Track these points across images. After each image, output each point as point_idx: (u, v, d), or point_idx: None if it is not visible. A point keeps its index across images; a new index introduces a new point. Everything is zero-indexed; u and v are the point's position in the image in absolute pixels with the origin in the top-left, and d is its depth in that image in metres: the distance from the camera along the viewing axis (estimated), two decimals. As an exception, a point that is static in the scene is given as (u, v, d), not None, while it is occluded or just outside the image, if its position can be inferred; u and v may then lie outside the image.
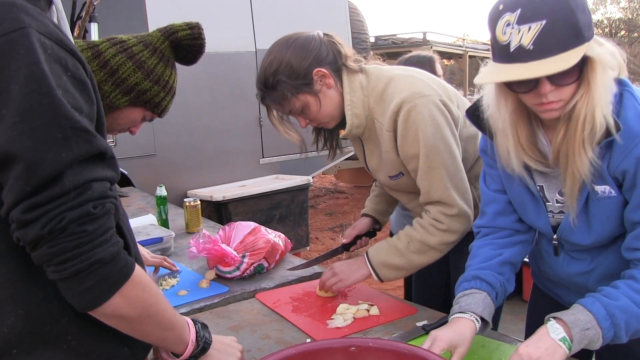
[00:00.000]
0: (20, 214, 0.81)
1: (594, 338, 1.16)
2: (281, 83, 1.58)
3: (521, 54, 1.08)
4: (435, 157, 1.57)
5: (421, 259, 1.64)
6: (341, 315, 1.62)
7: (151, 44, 1.45)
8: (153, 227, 2.36)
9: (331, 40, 1.65)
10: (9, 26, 0.81)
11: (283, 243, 2.10)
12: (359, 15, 6.73)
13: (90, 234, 0.84)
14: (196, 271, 2.03)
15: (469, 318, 1.30)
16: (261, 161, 5.10)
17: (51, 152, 0.81)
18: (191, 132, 4.64)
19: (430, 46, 8.58)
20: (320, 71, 1.59)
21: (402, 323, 1.57)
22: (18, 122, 0.79)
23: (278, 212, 4.67)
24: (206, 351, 1.12)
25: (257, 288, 1.86)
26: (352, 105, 1.62)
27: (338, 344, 1.14)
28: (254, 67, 4.91)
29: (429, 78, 1.66)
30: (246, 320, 1.64)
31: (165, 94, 1.48)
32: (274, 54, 1.61)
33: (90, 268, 0.85)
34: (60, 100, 0.82)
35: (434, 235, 1.62)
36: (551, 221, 1.36)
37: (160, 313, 0.98)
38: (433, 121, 1.56)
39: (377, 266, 1.66)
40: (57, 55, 0.85)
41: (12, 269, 0.89)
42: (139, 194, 3.66)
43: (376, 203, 2.02)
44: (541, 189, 1.34)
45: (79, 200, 0.83)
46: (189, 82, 4.56)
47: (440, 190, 1.59)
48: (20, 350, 0.91)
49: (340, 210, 7.57)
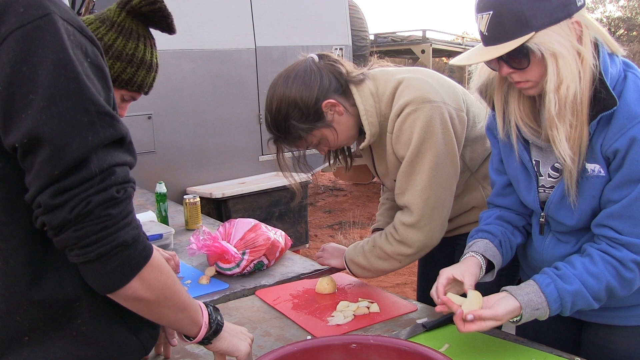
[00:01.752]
0: (49, 199, 0.82)
1: (540, 316, 1.27)
2: (293, 126, 1.56)
3: (484, 38, 1.25)
4: (419, 164, 1.57)
5: (382, 264, 1.69)
6: (341, 312, 1.62)
7: (108, 19, 1.39)
8: (153, 224, 2.36)
9: (328, 63, 1.62)
10: (35, 13, 0.82)
11: (283, 240, 2.10)
12: (359, 13, 6.72)
13: (114, 217, 0.86)
14: (196, 268, 2.03)
15: (472, 255, 1.40)
16: (260, 158, 5.09)
17: (78, 136, 0.82)
18: (191, 129, 4.63)
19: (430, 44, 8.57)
20: (329, 103, 1.57)
21: (402, 320, 1.57)
22: (46, 106, 0.80)
23: (277, 209, 4.67)
24: (218, 334, 1.13)
25: (257, 285, 1.86)
26: (367, 114, 1.61)
27: (339, 341, 1.14)
28: (253, 64, 4.91)
29: (438, 81, 1.64)
30: (246, 317, 1.64)
31: (135, 69, 1.41)
32: (277, 97, 1.57)
33: (113, 251, 0.86)
34: (86, 84, 0.83)
35: (390, 244, 1.65)
36: (541, 196, 1.41)
37: (176, 295, 1.00)
38: (430, 129, 1.54)
39: (347, 261, 1.77)
40: (78, 42, 0.86)
41: (30, 255, 0.90)
42: (138, 191, 3.64)
43: (390, 217, 1.97)
44: (537, 164, 1.39)
45: (104, 185, 0.84)
46: (189, 79, 4.56)
47: (411, 196, 1.59)
48: (32, 337, 0.93)
49: (339, 208, 7.56)
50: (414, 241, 1.61)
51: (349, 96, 1.61)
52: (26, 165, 0.83)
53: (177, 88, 4.49)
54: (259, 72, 4.92)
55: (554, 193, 1.36)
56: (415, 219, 1.59)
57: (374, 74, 1.67)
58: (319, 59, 1.62)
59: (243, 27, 4.87)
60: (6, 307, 0.92)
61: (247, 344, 1.20)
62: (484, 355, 1.34)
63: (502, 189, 1.52)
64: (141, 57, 1.41)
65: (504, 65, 1.25)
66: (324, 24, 5.39)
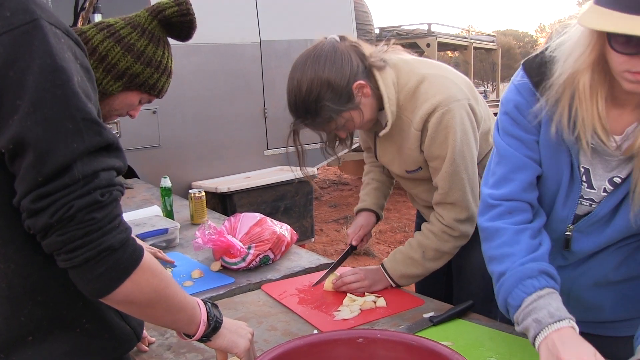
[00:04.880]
0: (30, 203, 0.82)
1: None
2: (325, 107, 1.53)
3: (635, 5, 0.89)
4: (460, 162, 1.60)
5: (437, 264, 1.72)
6: (348, 307, 1.62)
7: (139, 25, 1.41)
8: (158, 219, 2.36)
9: (351, 45, 1.61)
10: (22, 18, 0.81)
11: (289, 234, 2.10)
12: (364, 6, 6.69)
13: (98, 221, 0.84)
14: (202, 262, 2.03)
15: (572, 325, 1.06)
16: (266, 152, 5.09)
17: (63, 142, 0.81)
18: (195, 123, 4.63)
19: (435, 37, 8.54)
20: (359, 84, 1.56)
21: (409, 315, 1.56)
22: (32, 112, 0.80)
23: (283, 203, 4.67)
24: (218, 330, 1.12)
25: (263, 279, 1.86)
26: (389, 102, 1.61)
27: (346, 335, 1.13)
28: (258, 58, 4.89)
29: (458, 78, 1.67)
30: (252, 311, 1.63)
31: (159, 75, 1.45)
32: (308, 78, 1.52)
33: (100, 255, 0.85)
34: (73, 91, 0.83)
35: (447, 242, 1.68)
36: (579, 208, 1.23)
37: (170, 297, 0.99)
38: (463, 127, 1.58)
39: (397, 278, 1.73)
40: (68, 44, 0.86)
41: (31, 257, 0.90)
42: (143, 186, 3.65)
43: (377, 198, 2.01)
44: (586, 173, 1.19)
45: (86, 189, 0.84)
46: (194, 73, 4.55)
47: (459, 193, 1.63)
48: (37, 337, 0.93)
49: (344, 202, 7.56)
50: (469, 232, 1.68)
51: (372, 79, 1.61)
52: (14, 170, 0.83)
53: (182, 82, 4.48)
54: (264, 66, 4.91)
55: (601, 207, 1.19)
56: (469, 213, 1.65)
57: (395, 62, 1.66)
58: (341, 40, 1.62)
59: (248, 21, 4.85)
60: (10, 308, 0.92)
61: (246, 340, 1.18)
62: (491, 349, 1.33)
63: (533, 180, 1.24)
64: (165, 64, 1.46)
65: None
66: (329, 17, 5.37)
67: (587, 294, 1.32)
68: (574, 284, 1.32)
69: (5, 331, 0.92)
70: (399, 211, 6.90)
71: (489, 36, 11.64)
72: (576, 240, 1.26)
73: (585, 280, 1.32)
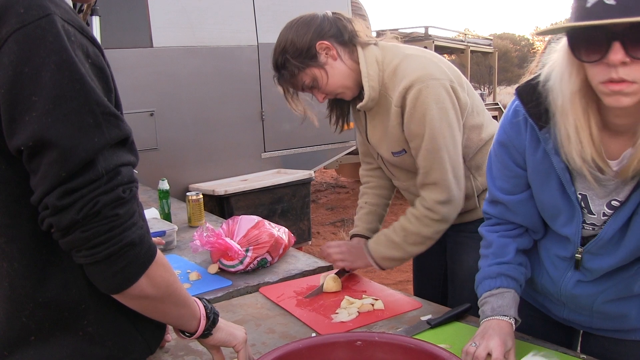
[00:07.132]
0: (56, 200, 0.81)
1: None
2: (288, 61, 1.66)
3: (598, 11, 0.92)
4: (440, 139, 1.61)
5: (419, 249, 1.73)
6: (345, 309, 1.62)
7: None
8: (156, 221, 2.36)
9: (337, 17, 1.71)
10: (36, 13, 0.81)
11: (286, 237, 2.10)
12: (361, 10, 6.70)
13: (121, 217, 0.85)
14: (200, 265, 2.02)
15: (509, 321, 1.26)
16: (263, 155, 5.09)
17: (85, 137, 0.82)
18: (193, 126, 4.63)
19: (432, 41, 8.56)
20: (323, 44, 1.66)
21: (407, 317, 1.57)
22: (51, 109, 0.80)
23: (280, 206, 4.67)
24: (217, 323, 1.14)
25: (261, 282, 1.86)
26: (368, 77, 1.67)
27: (344, 338, 1.13)
28: (256, 61, 4.89)
29: (443, 62, 1.69)
30: (250, 314, 1.63)
31: None
32: (281, 36, 1.70)
33: (121, 251, 0.86)
34: (90, 85, 0.83)
35: (428, 226, 1.68)
36: (584, 232, 1.25)
37: (178, 291, 1.01)
38: (441, 104, 1.59)
39: (378, 260, 1.76)
40: (79, 42, 0.85)
41: (33, 257, 0.90)
42: (141, 188, 3.65)
43: (369, 222, 1.99)
44: (583, 199, 1.20)
45: (110, 185, 0.84)
46: (191, 76, 4.56)
47: (439, 172, 1.63)
48: (39, 337, 0.93)
49: (341, 205, 7.56)
50: (451, 215, 1.68)
51: (353, 52, 1.69)
52: (32, 168, 0.83)
53: (180, 85, 4.49)
54: (262, 69, 4.91)
55: (604, 231, 1.19)
56: (449, 194, 1.65)
57: (384, 44, 1.73)
58: (332, 14, 1.73)
59: (245, 24, 4.86)
60: (12, 307, 0.92)
61: (242, 332, 1.20)
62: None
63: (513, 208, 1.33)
64: None
65: (619, 48, 0.93)
66: (327, 20, 5.37)
67: (611, 307, 1.31)
68: (597, 299, 1.31)
69: (7, 330, 0.92)
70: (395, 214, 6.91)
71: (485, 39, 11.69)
72: (588, 261, 1.27)
73: (608, 296, 1.30)
